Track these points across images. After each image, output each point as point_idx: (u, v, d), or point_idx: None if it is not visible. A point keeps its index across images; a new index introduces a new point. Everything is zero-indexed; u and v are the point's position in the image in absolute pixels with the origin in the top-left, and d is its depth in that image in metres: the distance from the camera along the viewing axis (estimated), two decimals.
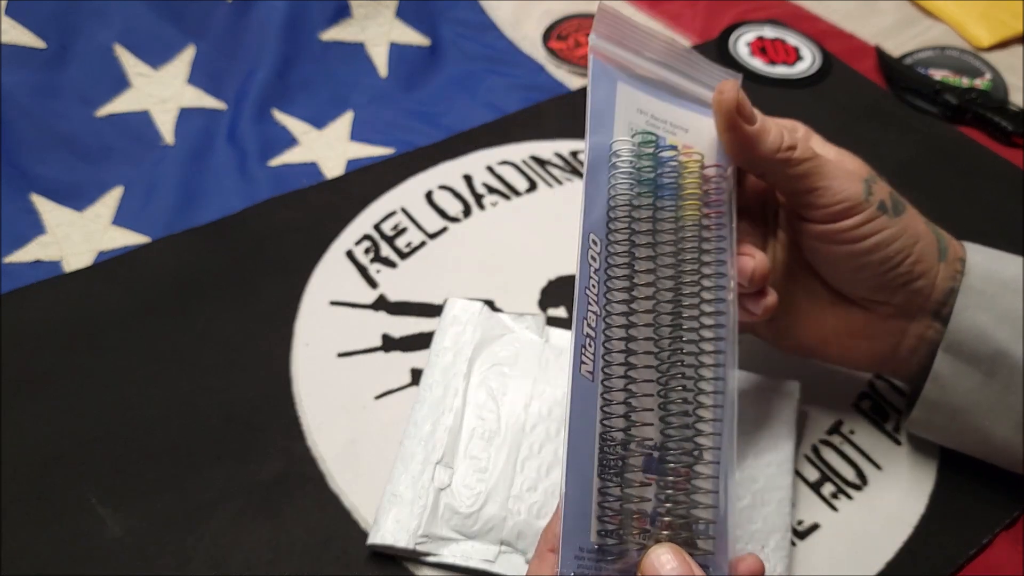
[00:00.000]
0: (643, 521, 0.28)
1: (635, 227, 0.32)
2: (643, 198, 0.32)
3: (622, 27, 0.35)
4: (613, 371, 0.30)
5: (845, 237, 0.36)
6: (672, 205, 0.33)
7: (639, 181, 0.33)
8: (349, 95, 0.59)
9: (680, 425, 0.30)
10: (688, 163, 0.34)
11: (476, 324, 0.44)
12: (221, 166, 0.54)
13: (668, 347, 0.31)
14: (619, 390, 0.29)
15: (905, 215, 0.36)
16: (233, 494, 0.39)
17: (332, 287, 0.48)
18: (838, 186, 0.35)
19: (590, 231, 0.31)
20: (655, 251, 0.32)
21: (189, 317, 0.46)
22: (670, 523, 0.29)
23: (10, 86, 0.53)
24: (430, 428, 0.40)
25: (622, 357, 0.30)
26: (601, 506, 0.28)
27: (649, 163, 0.33)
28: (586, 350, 0.29)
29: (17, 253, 0.48)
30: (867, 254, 0.36)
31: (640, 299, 0.31)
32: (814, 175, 0.35)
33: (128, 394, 0.42)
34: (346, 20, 0.61)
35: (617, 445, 0.29)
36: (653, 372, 0.30)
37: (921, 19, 0.72)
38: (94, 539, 0.37)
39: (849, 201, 0.35)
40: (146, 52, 0.57)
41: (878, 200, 0.35)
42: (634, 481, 0.29)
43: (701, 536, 0.29)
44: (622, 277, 0.31)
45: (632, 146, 0.33)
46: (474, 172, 0.55)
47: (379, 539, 0.37)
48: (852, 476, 0.42)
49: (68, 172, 0.52)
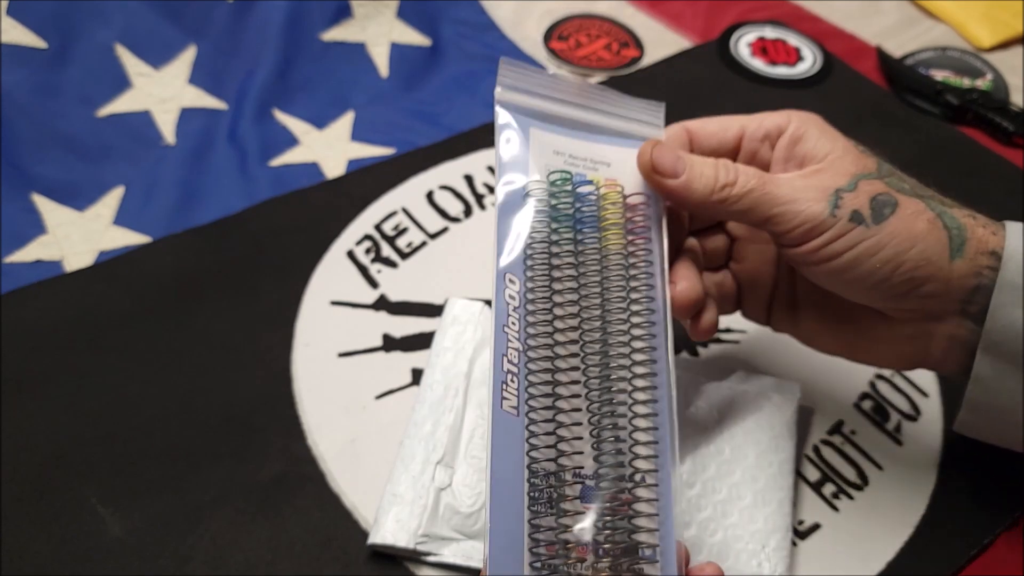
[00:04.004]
0: (583, 551, 0.28)
1: (554, 261, 0.32)
2: (562, 233, 0.33)
3: (527, 75, 0.36)
4: (537, 403, 0.30)
5: (815, 258, 0.33)
6: (594, 236, 0.33)
7: (555, 218, 0.33)
8: (350, 95, 0.59)
9: (614, 452, 0.30)
10: (608, 194, 0.34)
11: (477, 324, 0.44)
12: (222, 166, 0.54)
13: (597, 374, 0.31)
14: (544, 421, 0.30)
15: (893, 218, 0.33)
16: (233, 494, 0.39)
17: (333, 287, 0.48)
18: (794, 209, 0.33)
19: (505, 272, 0.32)
20: (578, 283, 0.32)
21: (190, 317, 0.46)
22: (612, 550, 0.28)
23: (11, 86, 0.53)
24: (431, 428, 0.40)
25: (548, 389, 0.30)
26: (533, 538, 0.28)
27: (567, 199, 0.34)
28: (507, 386, 0.30)
29: (18, 253, 0.48)
30: (847, 270, 0.33)
31: (564, 330, 0.31)
32: (762, 205, 0.33)
33: (129, 394, 0.42)
34: (347, 20, 0.61)
35: (549, 475, 0.29)
36: (582, 401, 0.31)
37: (922, 19, 0.72)
38: (94, 539, 0.37)
39: (809, 222, 0.33)
40: (147, 52, 0.57)
41: (849, 211, 0.33)
42: (569, 511, 0.29)
43: (646, 561, 0.29)
44: (543, 310, 0.31)
45: (547, 186, 0.34)
46: (475, 172, 0.55)
47: (379, 539, 0.37)
48: (853, 476, 0.42)
49: (69, 172, 0.52)
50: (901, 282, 0.33)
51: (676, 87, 0.63)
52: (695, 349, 0.46)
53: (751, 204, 0.33)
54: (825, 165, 0.34)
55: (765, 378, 0.43)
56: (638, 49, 0.67)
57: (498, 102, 0.35)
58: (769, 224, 0.33)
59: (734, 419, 0.41)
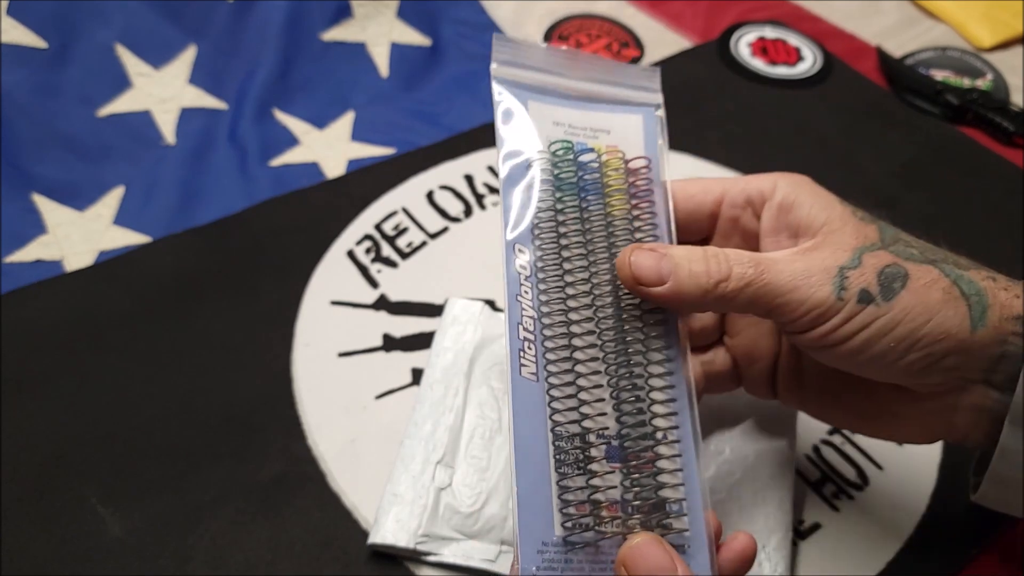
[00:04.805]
0: (613, 509, 0.29)
1: (562, 230, 0.33)
2: (567, 201, 0.33)
3: (521, 50, 0.36)
4: (556, 367, 0.30)
5: (825, 343, 0.31)
6: (599, 203, 0.34)
7: (559, 187, 0.33)
8: (350, 95, 0.59)
9: (635, 411, 0.30)
10: (610, 160, 0.34)
11: (477, 324, 0.44)
12: (222, 166, 0.54)
13: (612, 337, 0.31)
14: (564, 385, 0.30)
15: (904, 293, 0.30)
16: (233, 494, 0.39)
17: (333, 287, 0.48)
18: (798, 298, 0.30)
19: (514, 243, 0.32)
20: (586, 249, 0.33)
21: (190, 317, 0.46)
22: (641, 507, 0.29)
23: (11, 86, 0.53)
24: (431, 428, 0.40)
25: (566, 353, 0.31)
26: (563, 499, 0.28)
27: (569, 168, 0.34)
28: (524, 354, 0.30)
29: (18, 253, 0.48)
30: (860, 353, 0.30)
31: (576, 295, 0.32)
32: (764, 296, 0.30)
33: (129, 394, 0.42)
34: (347, 20, 0.61)
35: (574, 437, 0.29)
36: (600, 363, 0.31)
37: (922, 19, 0.72)
38: (94, 539, 0.37)
39: (816, 309, 0.30)
40: (147, 52, 0.57)
41: (856, 292, 0.30)
42: (597, 471, 0.29)
43: (674, 515, 0.29)
44: (554, 277, 0.32)
45: (549, 156, 0.34)
46: (475, 172, 0.55)
47: (380, 539, 0.37)
48: (853, 476, 0.42)
49: (69, 172, 0.52)
50: (919, 359, 0.30)
51: (676, 87, 0.63)
52: None
53: (751, 298, 0.30)
54: (822, 239, 0.32)
55: None
56: (638, 49, 0.67)
57: (494, 78, 0.35)
58: (773, 315, 0.31)
59: (734, 419, 0.41)
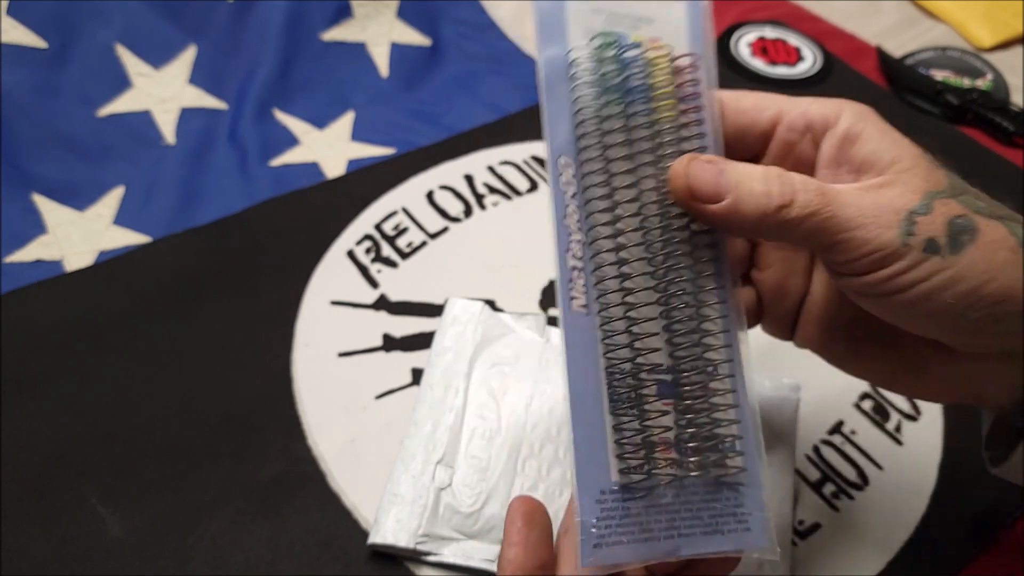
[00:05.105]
0: (668, 450, 0.27)
1: (607, 140, 0.29)
2: (612, 107, 0.30)
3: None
4: (610, 300, 0.28)
5: (881, 290, 0.28)
6: (645, 109, 0.30)
7: (604, 89, 0.30)
8: (350, 95, 0.59)
9: (688, 344, 0.28)
10: (656, 59, 0.30)
11: (477, 324, 0.44)
12: (222, 166, 0.54)
13: (662, 264, 0.29)
14: (619, 319, 0.28)
15: (972, 247, 0.28)
16: (233, 494, 0.39)
17: (333, 287, 0.48)
18: (862, 236, 0.27)
19: (559, 153, 0.29)
20: (633, 162, 0.29)
21: (190, 317, 0.46)
22: (697, 447, 0.28)
23: (11, 86, 0.53)
24: (431, 428, 0.40)
25: (617, 283, 0.28)
26: (619, 443, 0.27)
27: (613, 67, 0.30)
28: (575, 284, 0.28)
29: (18, 253, 0.48)
30: (916, 304, 0.28)
31: (626, 217, 0.29)
32: (827, 230, 0.27)
33: (129, 394, 0.42)
34: (347, 20, 0.61)
35: (627, 376, 0.27)
36: (651, 294, 0.28)
37: (922, 19, 0.72)
38: (94, 539, 0.37)
39: (879, 251, 0.27)
40: (147, 52, 0.57)
41: (924, 239, 0.28)
42: (652, 411, 0.27)
43: (730, 454, 0.28)
44: (602, 197, 0.29)
45: (591, 52, 0.30)
46: (475, 172, 0.55)
47: (380, 539, 0.37)
48: (853, 476, 0.42)
49: (69, 172, 0.52)
50: (977, 318, 0.28)
51: None
52: None
53: (813, 230, 0.27)
54: (892, 177, 0.29)
55: (765, 378, 0.43)
56: None
57: None
58: (830, 252, 0.28)
59: None
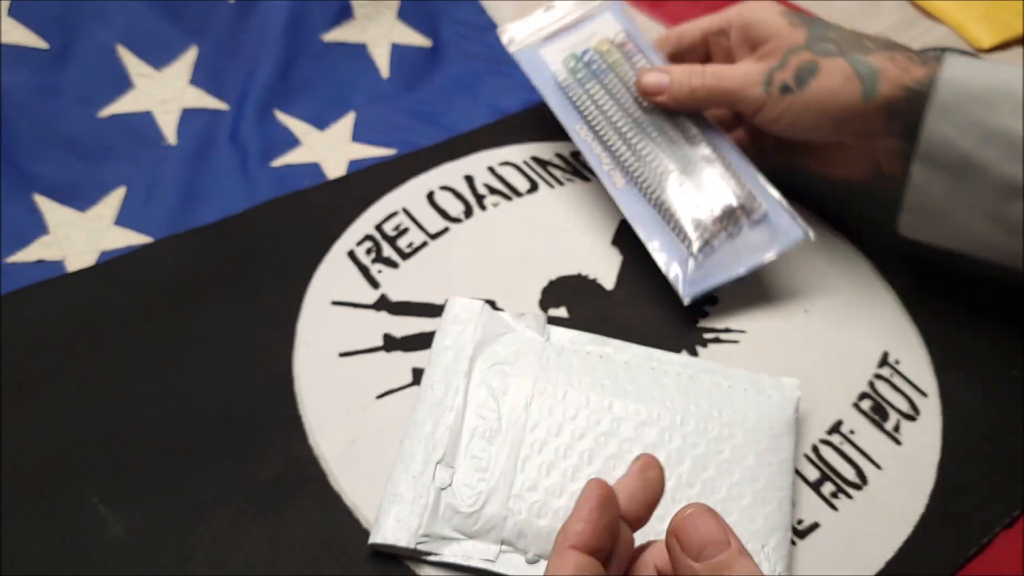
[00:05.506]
0: (714, 223, 0.47)
1: (601, 106, 0.50)
2: (594, 87, 0.51)
3: (517, 28, 0.54)
4: (634, 167, 0.49)
5: (763, 124, 0.47)
6: (613, 76, 0.51)
7: (582, 84, 0.51)
8: (350, 96, 0.59)
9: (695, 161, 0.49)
10: (605, 50, 0.52)
11: (477, 323, 0.44)
12: (223, 166, 0.54)
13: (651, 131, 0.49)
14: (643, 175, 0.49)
15: (813, 82, 0.44)
16: (234, 494, 0.39)
17: (334, 287, 0.48)
18: (743, 95, 0.46)
19: (573, 125, 0.51)
20: (620, 104, 0.50)
21: (191, 317, 0.46)
22: (730, 208, 0.47)
23: (12, 86, 0.53)
24: (431, 427, 0.40)
25: (637, 164, 0.49)
26: (694, 225, 0.47)
27: (582, 67, 0.51)
28: (613, 173, 0.49)
29: (19, 253, 0.48)
30: (789, 127, 0.46)
31: (626, 130, 0.49)
32: (721, 97, 0.47)
33: (130, 394, 0.42)
34: (347, 21, 0.61)
35: (660, 200, 0.48)
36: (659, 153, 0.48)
37: (921, 20, 0.72)
38: (95, 539, 0.37)
39: (754, 103, 0.46)
40: (148, 53, 0.57)
41: (779, 85, 0.45)
42: (692, 211, 0.47)
43: (756, 205, 0.48)
44: (609, 128, 0.50)
45: (566, 70, 0.52)
46: (475, 173, 0.55)
47: (380, 538, 0.37)
48: (852, 475, 0.42)
49: (70, 172, 0.52)
50: (828, 123, 0.45)
51: None
52: (695, 349, 0.47)
53: (715, 98, 0.47)
54: (767, 48, 0.46)
55: (765, 377, 0.43)
56: None
57: (512, 53, 0.53)
58: (733, 108, 0.48)
59: (734, 419, 0.41)
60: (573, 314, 0.48)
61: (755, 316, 0.48)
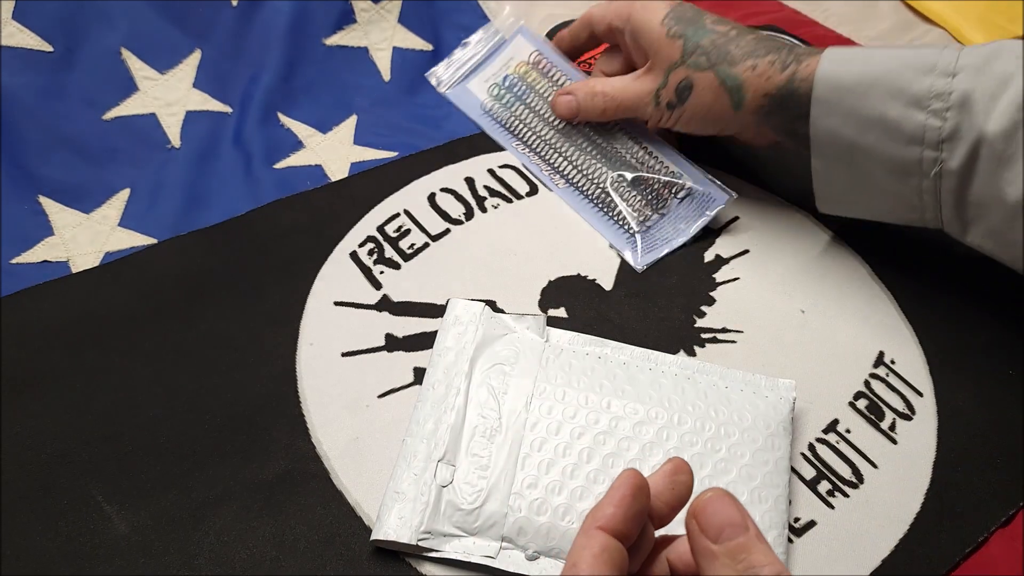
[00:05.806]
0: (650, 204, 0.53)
1: (530, 124, 0.57)
2: (520, 109, 0.57)
3: (443, 69, 0.61)
4: (567, 171, 0.55)
5: (663, 129, 0.54)
6: (534, 95, 0.57)
7: (508, 107, 0.58)
8: (353, 99, 0.60)
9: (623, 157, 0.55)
10: (521, 70, 0.58)
11: (478, 324, 0.44)
12: (227, 169, 0.54)
13: (584, 145, 0.56)
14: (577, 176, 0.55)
15: (691, 97, 0.50)
16: (238, 491, 0.40)
17: (336, 288, 0.48)
18: (640, 111, 0.52)
19: (511, 143, 0.57)
20: (546, 120, 0.57)
21: (195, 317, 0.46)
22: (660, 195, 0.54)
23: (17, 89, 0.53)
24: (432, 426, 0.41)
25: (568, 166, 0.55)
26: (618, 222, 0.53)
27: (507, 94, 0.58)
28: (554, 178, 0.55)
29: (25, 254, 0.49)
30: (683, 130, 0.52)
31: (556, 142, 0.56)
32: (624, 112, 0.53)
33: (134, 393, 0.43)
34: (350, 25, 0.62)
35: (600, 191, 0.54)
36: (584, 156, 0.55)
37: (918, 24, 0.73)
38: (99, 536, 0.38)
39: (651, 117, 0.52)
40: (152, 56, 0.57)
41: (664, 104, 0.51)
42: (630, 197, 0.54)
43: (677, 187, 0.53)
44: (541, 142, 0.56)
45: (492, 98, 0.58)
46: (476, 175, 0.55)
47: (382, 535, 0.37)
48: (848, 474, 0.43)
49: (75, 174, 0.52)
50: (714, 128, 0.51)
51: None
52: (692, 349, 0.47)
53: (619, 113, 0.53)
54: (652, 63, 0.51)
55: (761, 378, 0.44)
56: None
57: (443, 93, 0.60)
58: (633, 117, 0.54)
59: (730, 418, 0.41)
60: (572, 315, 0.48)
61: (752, 316, 0.49)
